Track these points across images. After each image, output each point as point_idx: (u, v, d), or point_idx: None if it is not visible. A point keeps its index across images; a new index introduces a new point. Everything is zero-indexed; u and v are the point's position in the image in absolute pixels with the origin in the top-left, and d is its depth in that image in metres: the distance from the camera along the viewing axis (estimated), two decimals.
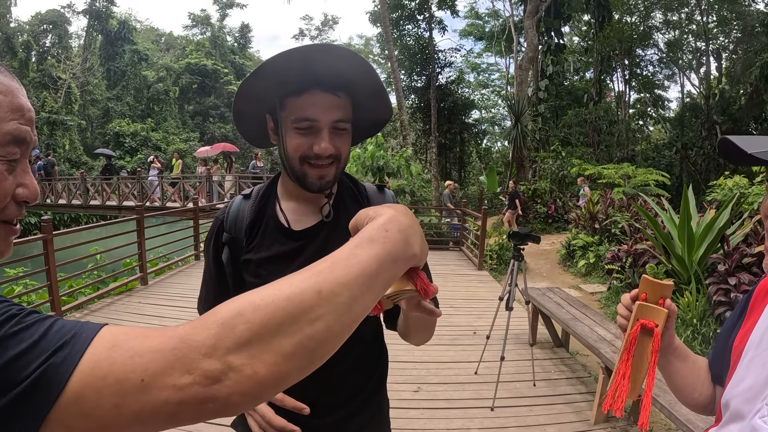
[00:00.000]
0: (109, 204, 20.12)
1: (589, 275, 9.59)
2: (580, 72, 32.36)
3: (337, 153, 1.21)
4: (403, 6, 27.54)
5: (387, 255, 0.64)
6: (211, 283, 1.41)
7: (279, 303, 0.55)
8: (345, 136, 1.24)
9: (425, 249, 0.74)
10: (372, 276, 0.61)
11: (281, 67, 1.12)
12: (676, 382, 1.21)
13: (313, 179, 1.22)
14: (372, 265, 0.62)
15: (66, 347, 0.51)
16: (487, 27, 38.82)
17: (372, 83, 1.21)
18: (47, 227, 5.97)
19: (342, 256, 0.62)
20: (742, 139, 0.86)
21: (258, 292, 0.57)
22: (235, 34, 58.77)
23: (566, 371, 4.87)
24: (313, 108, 1.17)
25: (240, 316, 0.54)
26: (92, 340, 0.52)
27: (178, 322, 4.62)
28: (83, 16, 43.73)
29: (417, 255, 0.70)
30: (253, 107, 1.26)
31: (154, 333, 0.54)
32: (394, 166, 14.63)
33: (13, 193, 0.65)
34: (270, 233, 1.31)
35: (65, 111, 35.98)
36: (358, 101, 1.25)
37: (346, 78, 1.17)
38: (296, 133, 1.19)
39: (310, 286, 0.57)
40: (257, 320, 0.54)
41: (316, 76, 1.15)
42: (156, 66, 46.95)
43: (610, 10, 25.40)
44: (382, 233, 0.66)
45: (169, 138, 42.10)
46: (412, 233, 0.70)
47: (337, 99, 1.19)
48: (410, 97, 29.09)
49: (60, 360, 0.50)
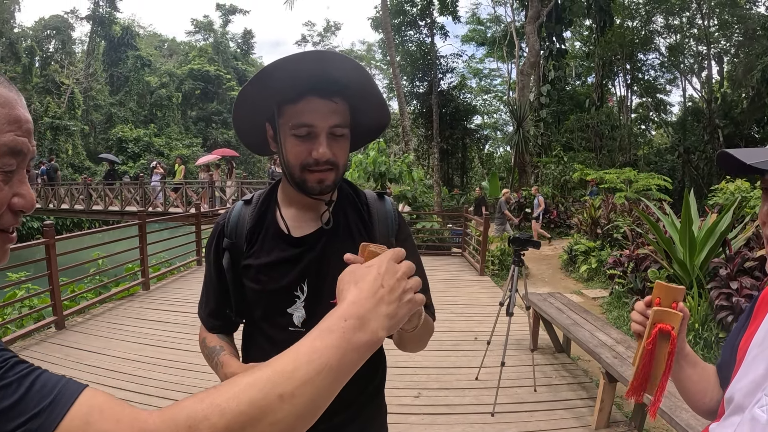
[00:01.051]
0: (111, 209, 20.16)
1: (591, 280, 9.58)
2: (582, 77, 32.45)
3: (334, 159, 1.22)
4: (404, 12, 27.62)
5: (347, 345, 0.67)
6: (212, 288, 1.42)
7: (242, 407, 0.58)
8: (342, 142, 1.25)
9: (396, 322, 0.76)
10: (334, 369, 0.65)
11: (278, 74, 1.13)
12: (688, 388, 1.22)
13: (313, 184, 1.22)
14: (332, 359, 0.65)
15: (42, 415, 0.52)
16: (489, 32, 38.91)
17: (367, 88, 1.22)
18: (50, 232, 5.98)
19: (303, 351, 0.65)
20: (741, 151, 0.88)
21: (224, 392, 0.60)
22: (237, 40, 59.03)
23: (567, 377, 4.86)
24: (311, 114, 1.18)
25: (206, 419, 0.56)
26: (69, 409, 0.53)
27: (179, 327, 4.58)
28: (86, 22, 43.99)
29: (380, 340, 0.72)
30: (252, 115, 1.27)
31: (126, 417, 0.56)
32: (396, 171, 14.64)
33: (9, 202, 0.66)
34: (270, 239, 1.32)
35: (68, 116, 36.12)
36: (356, 106, 1.26)
37: (341, 83, 1.18)
38: (294, 139, 1.20)
39: (271, 389, 0.60)
40: (221, 425, 0.57)
41: (312, 83, 1.16)
42: (159, 72, 47.11)
43: (611, 15, 25.44)
44: (340, 324, 0.69)
45: (171, 143, 42.22)
46: (373, 317, 0.72)
47: (334, 104, 1.20)
48: (412, 102, 29.13)
49: (35, 428, 0.51)
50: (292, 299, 1.29)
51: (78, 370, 4.68)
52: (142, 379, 4.53)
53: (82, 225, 28.59)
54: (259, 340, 1.34)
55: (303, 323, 1.29)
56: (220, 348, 1.35)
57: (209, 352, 1.36)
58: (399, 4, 27.36)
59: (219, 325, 1.43)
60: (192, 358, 4.89)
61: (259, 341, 1.35)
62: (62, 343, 5.45)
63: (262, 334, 1.34)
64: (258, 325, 1.36)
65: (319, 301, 1.29)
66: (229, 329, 1.45)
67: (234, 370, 1.22)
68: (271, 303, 1.31)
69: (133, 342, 5.54)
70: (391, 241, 1.41)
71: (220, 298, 1.40)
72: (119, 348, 5.33)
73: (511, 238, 4.58)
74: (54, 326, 5.96)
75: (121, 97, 43.13)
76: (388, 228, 1.41)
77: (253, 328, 1.38)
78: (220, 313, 1.42)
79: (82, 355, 5.09)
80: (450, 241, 13.57)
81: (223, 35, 56.58)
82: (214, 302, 1.42)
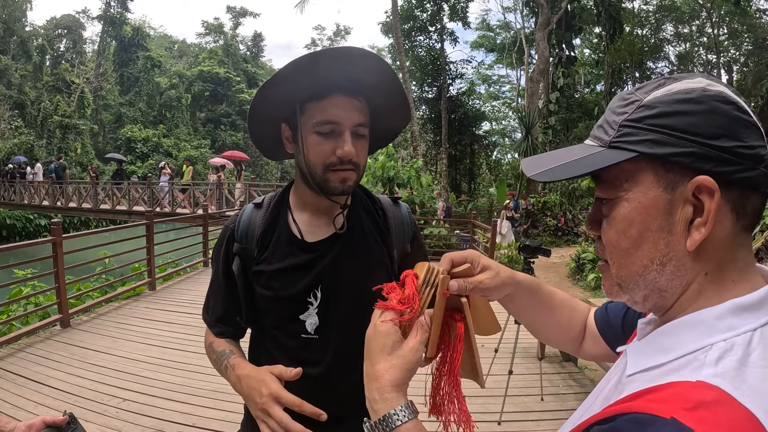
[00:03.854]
0: (119, 209, 20.22)
1: (599, 289, 9.51)
2: (591, 84, 32.40)
3: (356, 159, 1.20)
4: (415, 17, 27.71)
5: None
6: (219, 294, 1.38)
7: None
8: (364, 142, 1.23)
9: None
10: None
11: (302, 70, 1.12)
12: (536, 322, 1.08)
13: (336, 183, 1.19)
14: None
15: None
16: (499, 39, 38.97)
17: (393, 87, 1.22)
18: (57, 230, 5.99)
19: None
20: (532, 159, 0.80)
21: None
22: (247, 43, 59.32)
23: (575, 386, 4.82)
24: (336, 111, 1.16)
25: None
26: None
27: (185, 328, 4.59)
28: (98, 22, 44.37)
29: None
30: (269, 114, 1.25)
31: None
32: (405, 177, 14.64)
33: None
34: (282, 244, 1.29)
35: (78, 115, 36.30)
36: (377, 107, 1.25)
37: (366, 83, 1.17)
38: (317, 137, 1.18)
39: None
40: None
41: (338, 80, 1.14)
42: (169, 73, 47.36)
43: (621, 23, 25.36)
44: None
45: (180, 144, 42.38)
46: None
47: (358, 103, 1.19)
48: (421, 108, 29.19)
49: None
50: (305, 306, 1.26)
51: (83, 369, 4.68)
52: (148, 380, 4.52)
53: (89, 224, 28.71)
54: (269, 347, 1.31)
55: (316, 330, 1.26)
56: (230, 352, 1.31)
57: (218, 357, 1.32)
58: (409, 9, 27.46)
59: (227, 331, 1.39)
60: (199, 360, 4.87)
61: (268, 348, 1.31)
62: (67, 342, 5.45)
63: (273, 341, 1.31)
64: (268, 332, 1.32)
65: (333, 307, 1.27)
66: (237, 335, 1.42)
67: (247, 372, 1.19)
68: (284, 310, 1.28)
69: (139, 342, 5.53)
70: (406, 247, 1.39)
71: (229, 303, 1.36)
72: (125, 348, 5.33)
73: (521, 245, 4.55)
74: (59, 324, 5.96)
75: (131, 98, 43.37)
76: (404, 234, 1.39)
77: (262, 335, 1.35)
78: (228, 319, 1.38)
79: (87, 354, 5.08)
80: (457, 248, 13.54)
81: (233, 38, 56.85)
82: (221, 308, 1.38)
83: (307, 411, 1.07)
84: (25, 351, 5.11)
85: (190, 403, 4.09)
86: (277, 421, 1.07)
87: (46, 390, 4.21)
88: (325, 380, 1.13)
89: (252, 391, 1.14)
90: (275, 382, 1.11)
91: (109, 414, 3.84)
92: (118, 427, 3.64)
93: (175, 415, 3.88)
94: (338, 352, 1.27)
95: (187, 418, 3.85)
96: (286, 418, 1.07)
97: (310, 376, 1.10)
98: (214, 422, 3.78)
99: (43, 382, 4.36)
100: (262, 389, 1.11)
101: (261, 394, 1.10)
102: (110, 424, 3.69)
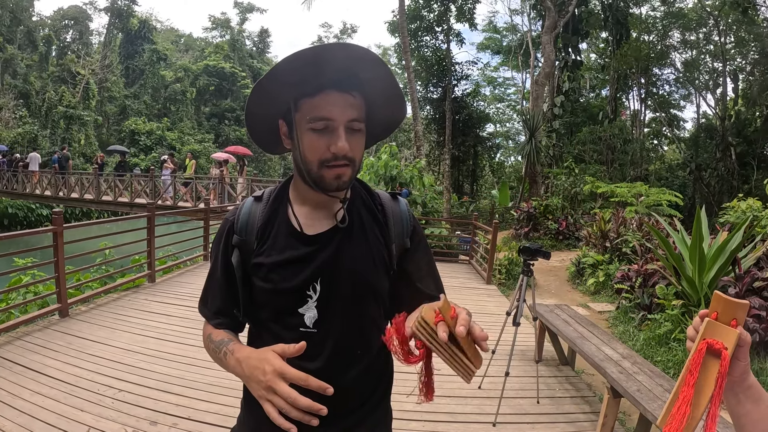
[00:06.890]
0: (121, 200, 20.26)
1: (598, 294, 9.50)
2: (596, 89, 32.31)
3: (351, 155, 1.20)
4: (422, 17, 27.66)
5: None
6: (217, 286, 1.37)
7: None
8: (359, 137, 1.24)
9: None
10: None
11: (296, 67, 1.12)
12: (746, 428, 1.03)
13: (330, 180, 1.20)
14: None
15: None
16: (505, 41, 38.97)
17: (386, 81, 1.22)
18: (58, 220, 6.00)
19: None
20: None
21: None
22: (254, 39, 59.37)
23: (571, 390, 4.81)
24: (329, 107, 1.17)
25: None
26: None
27: (183, 321, 4.62)
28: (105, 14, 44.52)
29: None
30: (266, 110, 1.25)
31: None
32: (407, 176, 14.64)
33: None
34: (282, 237, 1.29)
35: (82, 106, 36.39)
36: (373, 100, 1.25)
37: (360, 77, 1.17)
38: (312, 133, 1.18)
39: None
40: None
41: (331, 77, 1.15)
42: (174, 66, 47.43)
43: (628, 29, 25.31)
44: None
45: (184, 138, 42.45)
46: None
47: (352, 98, 1.19)
48: (426, 108, 29.15)
49: None
50: (304, 299, 1.26)
51: (80, 359, 4.69)
52: (145, 372, 4.52)
53: (90, 215, 28.77)
54: (268, 341, 1.29)
55: (315, 324, 1.26)
56: (228, 339, 1.30)
57: (216, 346, 1.31)
58: (416, 9, 27.41)
59: (226, 323, 1.38)
60: (196, 353, 4.89)
61: (266, 342, 1.29)
62: (65, 331, 5.46)
63: (271, 334, 1.30)
64: (266, 325, 1.32)
65: (332, 301, 1.27)
66: (236, 328, 1.41)
67: (248, 354, 1.18)
68: (282, 302, 1.28)
69: (137, 334, 5.54)
70: (405, 242, 1.39)
71: (227, 296, 1.36)
72: (122, 339, 5.33)
73: (521, 247, 4.54)
74: (58, 314, 5.97)
75: (136, 90, 43.44)
76: (402, 229, 1.39)
77: (260, 328, 1.35)
78: (227, 312, 1.38)
79: (84, 344, 5.09)
80: (458, 249, 13.54)
81: (240, 33, 56.89)
82: (220, 300, 1.37)
83: (313, 385, 1.06)
84: (22, 339, 5.12)
85: (186, 396, 4.10)
86: (284, 397, 1.05)
87: (43, 379, 4.21)
88: (323, 374, 1.12)
89: (254, 371, 1.12)
90: (278, 359, 1.10)
91: (105, 404, 3.84)
92: (113, 417, 3.65)
93: (170, 407, 3.88)
94: (337, 345, 1.28)
95: (182, 410, 3.85)
96: (294, 393, 1.05)
97: (308, 370, 1.09)
98: (209, 415, 3.78)
99: (40, 370, 4.36)
100: (265, 367, 1.09)
101: (264, 372, 1.09)
102: (105, 414, 3.69)
